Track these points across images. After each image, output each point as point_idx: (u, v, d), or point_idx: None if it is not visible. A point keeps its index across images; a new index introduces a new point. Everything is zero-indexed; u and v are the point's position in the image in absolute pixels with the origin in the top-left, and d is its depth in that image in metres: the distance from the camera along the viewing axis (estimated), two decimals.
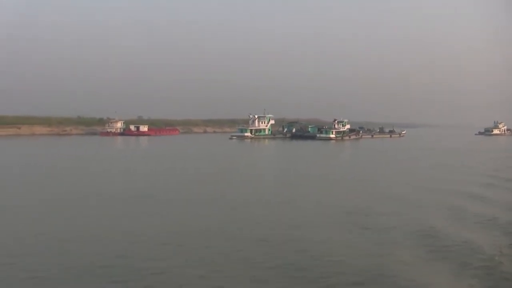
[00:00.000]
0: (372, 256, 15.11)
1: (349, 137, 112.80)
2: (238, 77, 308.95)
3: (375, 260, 14.67)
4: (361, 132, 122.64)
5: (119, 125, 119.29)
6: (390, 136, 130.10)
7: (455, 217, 21.20)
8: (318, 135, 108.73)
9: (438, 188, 30.27)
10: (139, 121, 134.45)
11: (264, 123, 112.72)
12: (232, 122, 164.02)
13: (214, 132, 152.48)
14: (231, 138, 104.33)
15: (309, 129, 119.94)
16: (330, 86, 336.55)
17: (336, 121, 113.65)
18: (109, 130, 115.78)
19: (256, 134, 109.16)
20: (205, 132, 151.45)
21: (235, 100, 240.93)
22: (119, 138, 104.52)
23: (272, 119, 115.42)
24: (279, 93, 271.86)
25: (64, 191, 27.65)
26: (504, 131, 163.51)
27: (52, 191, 27.56)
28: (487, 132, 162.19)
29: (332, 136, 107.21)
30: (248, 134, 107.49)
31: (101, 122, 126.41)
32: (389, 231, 18.39)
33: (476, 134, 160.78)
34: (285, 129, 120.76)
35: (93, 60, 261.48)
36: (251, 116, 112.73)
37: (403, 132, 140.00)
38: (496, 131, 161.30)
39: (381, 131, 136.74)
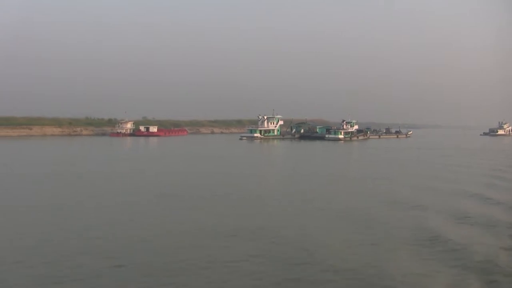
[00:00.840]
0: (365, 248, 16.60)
1: (357, 137, 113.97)
2: (239, 77, 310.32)
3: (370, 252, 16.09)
4: (368, 132, 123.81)
5: (129, 126, 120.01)
6: (397, 137, 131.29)
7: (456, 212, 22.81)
8: (327, 135, 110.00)
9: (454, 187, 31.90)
10: (146, 122, 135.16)
11: (273, 123, 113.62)
12: (239, 123, 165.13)
13: (221, 132, 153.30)
14: (241, 139, 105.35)
15: (318, 129, 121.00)
16: (333, 86, 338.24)
17: (344, 122, 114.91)
18: (119, 131, 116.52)
19: (266, 135, 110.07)
20: (212, 132, 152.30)
21: (236, 100, 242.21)
22: (129, 138, 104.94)
23: (281, 120, 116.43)
24: (283, 94, 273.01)
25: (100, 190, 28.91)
26: (509, 131, 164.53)
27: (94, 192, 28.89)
28: (492, 132, 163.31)
29: (341, 136, 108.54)
30: (257, 134, 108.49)
31: (111, 122, 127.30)
32: (391, 229, 19.47)
33: (481, 135, 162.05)
34: (294, 130, 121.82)
35: (95, 61, 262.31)
36: (260, 117, 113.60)
37: (409, 133, 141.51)
38: (501, 132, 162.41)
39: (388, 131, 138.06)
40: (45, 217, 21.05)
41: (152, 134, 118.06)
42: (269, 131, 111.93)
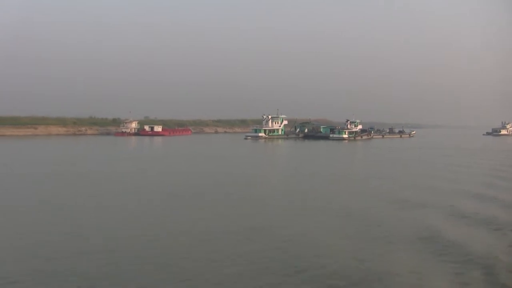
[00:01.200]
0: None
1: (361, 137, 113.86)
2: (239, 77, 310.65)
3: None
4: (372, 132, 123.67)
5: (134, 125, 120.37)
6: (400, 137, 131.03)
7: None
8: (331, 135, 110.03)
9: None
10: (151, 121, 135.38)
11: (278, 123, 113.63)
12: (242, 122, 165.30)
13: (225, 132, 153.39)
14: (246, 138, 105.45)
15: (321, 129, 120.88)
16: (333, 86, 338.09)
17: (348, 122, 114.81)
18: (124, 130, 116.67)
19: (270, 134, 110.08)
20: (216, 132, 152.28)
21: (237, 100, 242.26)
22: (134, 138, 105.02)
23: (285, 120, 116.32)
24: (283, 94, 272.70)
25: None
26: None
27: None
28: (495, 132, 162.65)
29: (345, 136, 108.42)
30: (262, 134, 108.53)
31: (115, 122, 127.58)
32: (393, 228, 19.43)
33: (483, 135, 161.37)
34: (298, 129, 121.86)
35: (95, 61, 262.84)
36: (264, 116, 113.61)
37: (412, 133, 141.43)
38: (503, 132, 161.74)
39: (391, 131, 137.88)
40: (45, 217, 21.10)
41: (157, 134, 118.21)
42: (273, 130, 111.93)
